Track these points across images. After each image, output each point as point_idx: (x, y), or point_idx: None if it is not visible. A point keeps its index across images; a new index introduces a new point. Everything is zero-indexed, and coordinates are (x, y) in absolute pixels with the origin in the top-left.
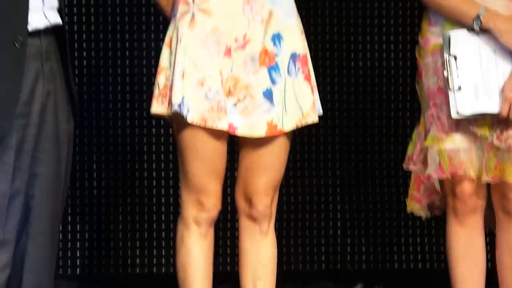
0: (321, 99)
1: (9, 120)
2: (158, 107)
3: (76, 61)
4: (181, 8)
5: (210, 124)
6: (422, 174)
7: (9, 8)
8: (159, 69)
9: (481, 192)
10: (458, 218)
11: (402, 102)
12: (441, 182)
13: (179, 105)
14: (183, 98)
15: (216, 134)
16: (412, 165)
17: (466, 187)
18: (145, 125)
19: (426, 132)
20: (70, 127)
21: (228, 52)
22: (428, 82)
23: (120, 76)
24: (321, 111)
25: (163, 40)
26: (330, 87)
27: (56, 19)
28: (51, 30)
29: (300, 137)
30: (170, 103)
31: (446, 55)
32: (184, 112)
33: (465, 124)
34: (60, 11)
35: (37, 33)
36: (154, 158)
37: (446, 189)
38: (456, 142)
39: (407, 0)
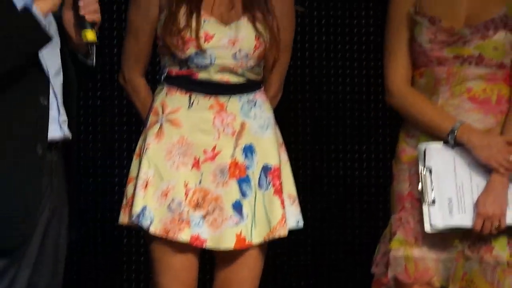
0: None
1: (30, 229)
2: (124, 218)
3: None
4: (151, 118)
5: (171, 235)
6: (384, 277)
7: (30, 115)
8: (128, 180)
9: None
10: None
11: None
12: None
13: (138, 216)
14: (143, 208)
15: (184, 246)
16: (374, 268)
17: None
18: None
19: (392, 236)
20: (67, 241)
21: (196, 164)
22: (399, 187)
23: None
24: (301, 222)
25: None
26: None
27: (67, 132)
28: (61, 144)
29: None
30: (130, 213)
31: (421, 168)
32: (145, 223)
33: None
34: (70, 125)
35: (50, 146)
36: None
37: None
38: (424, 249)
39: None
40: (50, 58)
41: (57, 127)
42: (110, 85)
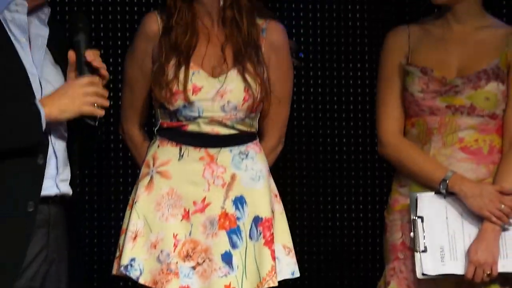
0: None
1: (10, 282)
2: (117, 269)
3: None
4: (143, 170)
5: (160, 286)
6: None
7: (25, 173)
8: (121, 231)
9: None
10: None
11: None
12: None
13: (126, 267)
14: (132, 260)
15: None
16: None
17: None
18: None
19: (386, 286)
20: None
21: (186, 215)
22: (392, 237)
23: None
24: (297, 273)
25: None
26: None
27: (66, 189)
28: (60, 199)
29: None
30: (119, 264)
31: (412, 216)
32: (134, 274)
33: (428, 281)
34: (72, 183)
35: (47, 200)
36: None
37: None
38: None
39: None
40: None
41: (53, 185)
42: (106, 137)
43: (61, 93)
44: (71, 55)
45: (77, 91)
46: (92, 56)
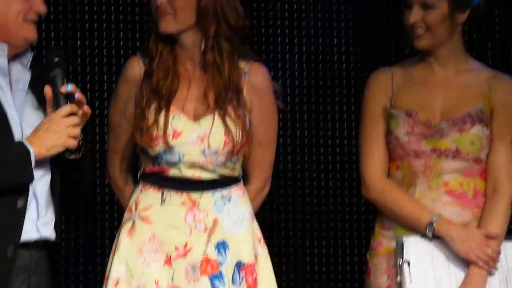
0: None
1: None
2: None
3: None
4: (126, 214)
5: None
6: None
7: (5, 216)
8: (104, 278)
9: None
10: None
11: None
12: None
13: None
14: None
15: None
16: None
17: None
18: None
19: None
20: None
21: (168, 260)
22: (377, 281)
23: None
24: None
25: None
26: None
27: (48, 233)
28: (42, 243)
29: None
30: None
31: (399, 261)
32: None
33: None
34: (56, 226)
35: (27, 245)
36: None
37: None
38: None
39: None
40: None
41: (34, 229)
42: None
43: (44, 129)
44: (47, 90)
45: (60, 125)
46: (71, 88)
